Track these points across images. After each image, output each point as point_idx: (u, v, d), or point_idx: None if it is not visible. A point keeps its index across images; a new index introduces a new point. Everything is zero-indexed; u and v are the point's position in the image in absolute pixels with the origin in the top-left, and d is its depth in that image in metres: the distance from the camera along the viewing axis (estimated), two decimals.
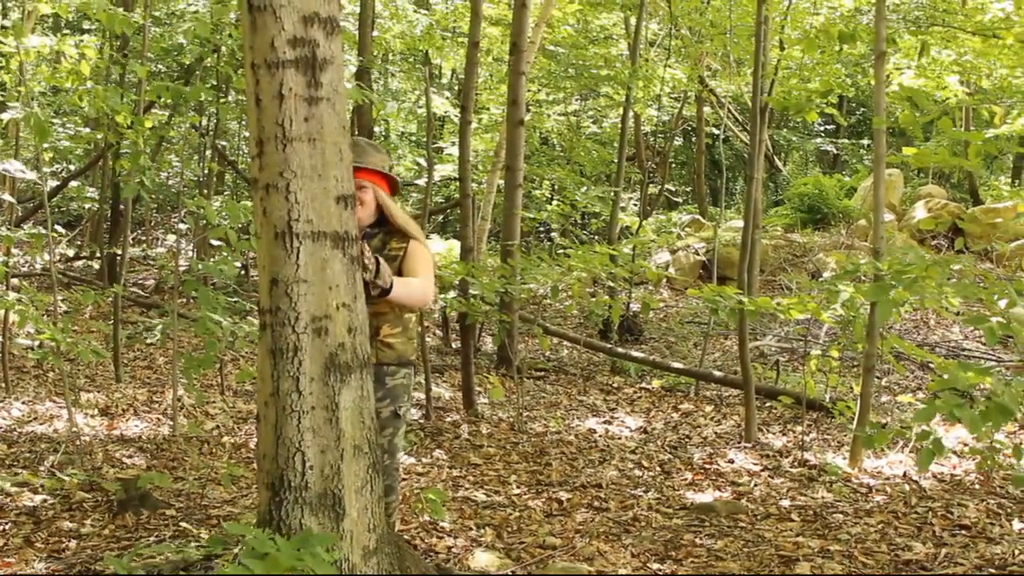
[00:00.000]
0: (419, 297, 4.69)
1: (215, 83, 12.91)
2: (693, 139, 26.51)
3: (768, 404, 9.69)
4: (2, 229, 8.58)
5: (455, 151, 19.08)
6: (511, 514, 6.17)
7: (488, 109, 19.58)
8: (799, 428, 8.78)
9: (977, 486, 6.94)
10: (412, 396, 4.91)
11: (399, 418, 4.73)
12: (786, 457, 7.85)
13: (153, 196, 18.14)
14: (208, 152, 17.59)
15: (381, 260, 4.40)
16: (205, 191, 16.45)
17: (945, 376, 5.21)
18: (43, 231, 8.35)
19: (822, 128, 28.36)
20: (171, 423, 8.11)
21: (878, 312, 5.20)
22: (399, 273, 4.64)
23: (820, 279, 14.50)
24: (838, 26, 9.00)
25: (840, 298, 6.85)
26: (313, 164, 3.99)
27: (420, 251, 4.77)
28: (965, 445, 7.78)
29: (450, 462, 7.54)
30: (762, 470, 7.49)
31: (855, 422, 7.63)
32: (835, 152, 28.07)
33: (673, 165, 28.60)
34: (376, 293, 4.39)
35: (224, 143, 18.62)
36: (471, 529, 5.78)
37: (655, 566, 5.21)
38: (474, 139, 17.98)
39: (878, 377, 9.98)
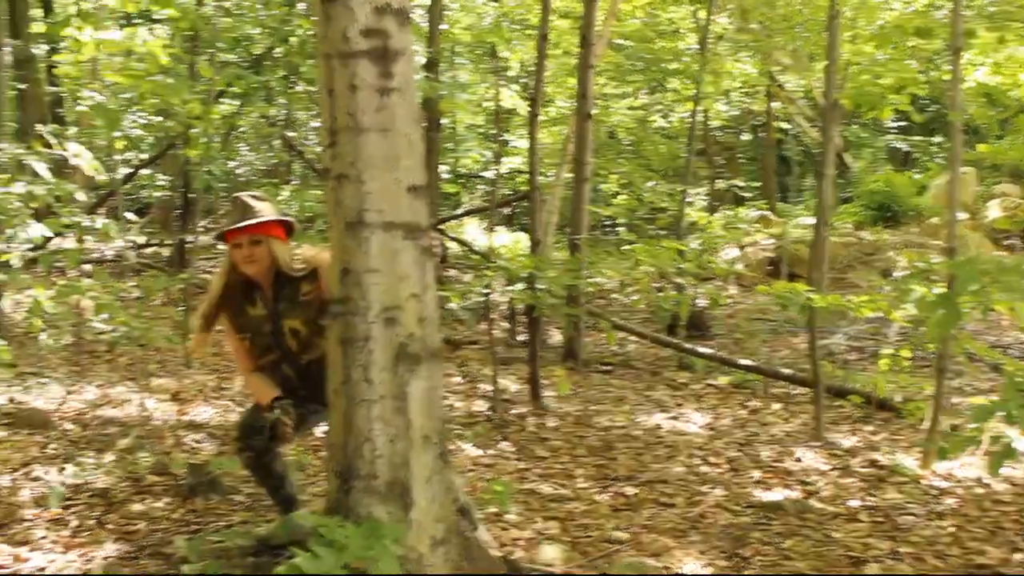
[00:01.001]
0: None
1: (285, 73, 13.01)
2: (762, 134, 26.31)
3: (837, 403, 9.58)
4: (76, 217, 8.69)
5: (521, 144, 19.09)
6: (577, 508, 6.15)
7: (554, 102, 19.53)
8: (869, 428, 8.67)
9: None
10: None
11: None
12: (855, 457, 7.75)
13: (222, 184, 18.33)
14: (277, 142, 17.73)
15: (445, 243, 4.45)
16: (274, 180, 16.59)
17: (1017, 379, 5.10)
18: (114, 219, 8.45)
19: (894, 125, 27.99)
20: (240, 410, 8.18)
21: (943, 320, 5.10)
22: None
23: (891, 277, 14.32)
24: (914, 20, 8.85)
25: (911, 297, 6.75)
26: (385, 154, 4.00)
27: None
28: None
29: (516, 454, 7.53)
30: (831, 469, 7.40)
31: (927, 423, 7.52)
32: (906, 149, 27.69)
33: (741, 161, 28.41)
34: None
35: (293, 133, 18.74)
36: (537, 522, 5.77)
37: (722, 563, 5.17)
38: (541, 132, 17.97)
39: (950, 378, 9.83)
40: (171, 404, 8.50)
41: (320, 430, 6.00)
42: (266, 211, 4.72)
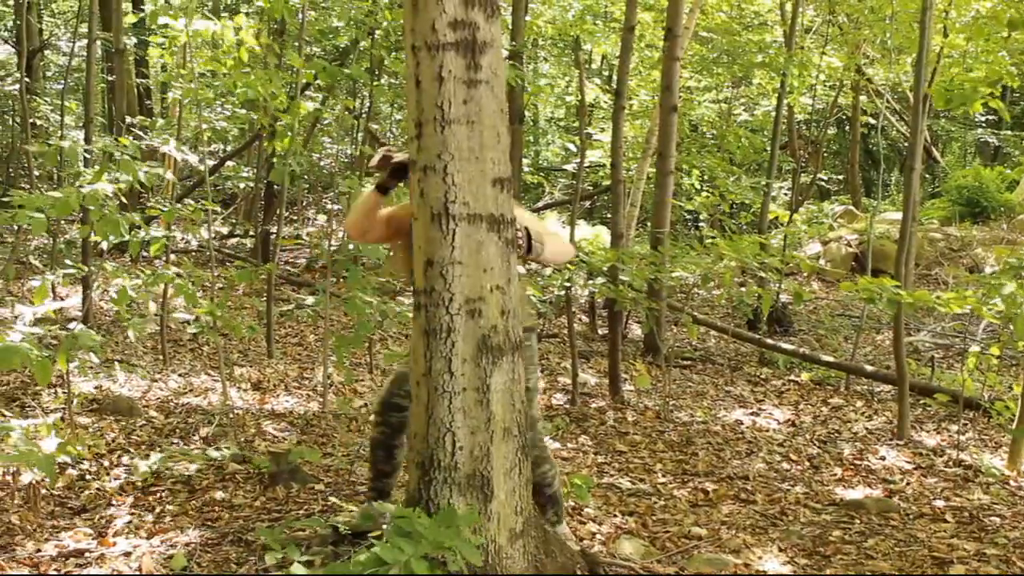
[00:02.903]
0: (566, 250, 4.72)
1: (369, 65, 13.08)
2: (847, 128, 25.96)
3: (922, 401, 9.44)
4: (163, 205, 8.81)
5: (604, 137, 19.02)
6: (656, 503, 6.12)
7: (638, 95, 19.43)
8: (954, 427, 8.53)
9: None
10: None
11: (532, 389, 4.74)
12: (940, 456, 7.64)
13: (306, 176, 18.49)
14: (360, 134, 17.84)
15: (532, 233, 4.39)
16: (357, 172, 16.70)
17: None
18: (202, 207, 8.56)
19: (983, 119, 27.48)
20: (321, 400, 8.26)
21: None
22: None
23: (979, 274, 14.05)
24: (1008, 11, 8.66)
25: (1002, 292, 6.62)
26: (471, 146, 4.00)
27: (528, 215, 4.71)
28: None
29: (595, 448, 7.52)
30: (915, 469, 7.30)
31: (1015, 423, 7.38)
32: (996, 144, 27.17)
33: (826, 155, 28.05)
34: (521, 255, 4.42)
35: (376, 126, 18.85)
36: (616, 516, 5.75)
37: (803, 561, 5.12)
38: (624, 125, 17.89)
39: None
40: (252, 393, 8.60)
41: None
42: None
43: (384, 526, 4.19)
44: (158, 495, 5.72)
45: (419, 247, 4.09)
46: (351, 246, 9.17)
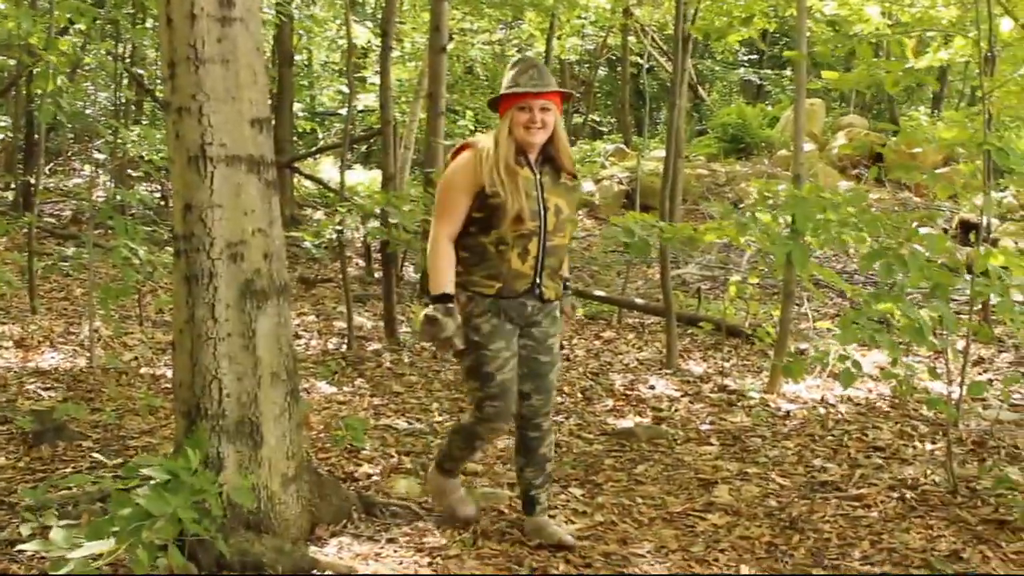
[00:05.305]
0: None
1: (131, 7, 12.63)
2: (618, 69, 26.46)
3: (690, 331, 9.77)
4: None
5: (377, 80, 18.88)
6: (433, 441, 6.17)
7: (412, 38, 19.35)
8: (719, 354, 8.87)
9: (891, 410, 7.07)
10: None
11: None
12: (706, 383, 7.93)
13: (70, 125, 17.75)
14: (125, 80, 17.22)
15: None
16: (122, 120, 16.12)
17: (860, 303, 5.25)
18: None
19: (745, 58, 28.41)
20: (88, 354, 7.99)
21: (794, 258, 5.22)
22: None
23: (740, 207, 14.59)
24: None
25: (756, 225, 6.86)
26: (227, 86, 3.91)
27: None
28: (881, 369, 7.92)
29: (372, 390, 7.51)
30: (683, 396, 7.56)
31: (775, 348, 7.73)
32: (758, 82, 28.15)
33: (598, 95, 28.56)
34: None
35: (142, 71, 18.21)
36: (392, 456, 5.77)
37: (576, 491, 5.25)
38: (396, 68, 17.79)
39: (797, 304, 10.10)
40: (15, 351, 8.25)
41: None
42: (554, 83, 4.40)
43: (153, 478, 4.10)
44: None
45: (177, 191, 3.98)
46: (116, 196, 8.88)
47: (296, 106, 19.99)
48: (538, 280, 4.30)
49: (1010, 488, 5.07)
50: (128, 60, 16.71)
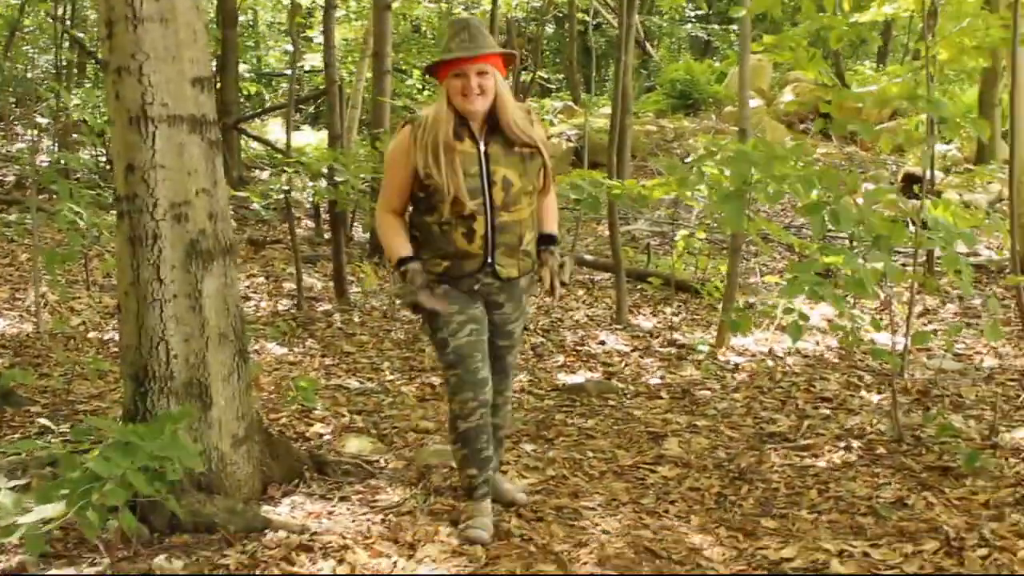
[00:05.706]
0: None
1: None
2: (566, 25, 26.38)
3: (639, 287, 9.82)
4: None
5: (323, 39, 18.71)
6: (384, 400, 6.19)
7: None
8: (669, 309, 8.92)
9: (837, 361, 7.16)
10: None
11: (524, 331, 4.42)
12: (656, 338, 7.98)
13: (11, 89, 17.49)
14: (65, 42, 16.98)
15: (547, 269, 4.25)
16: (64, 83, 15.89)
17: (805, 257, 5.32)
18: None
19: (692, 14, 28.40)
20: (35, 320, 7.91)
21: (730, 218, 5.23)
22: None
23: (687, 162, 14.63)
24: None
25: (701, 180, 6.88)
26: (167, 45, 3.88)
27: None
28: (829, 322, 8.01)
29: (323, 351, 7.51)
30: (632, 351, 7.61)
31: (722, 303, 7.79)
32: (706, 38, 28.17)
33: (546, 52, 28.45)
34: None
35: (82, 34, 17.95)
36: (343, 416, 5.78)
37: (528, 447, 5.28)
38: (342, 27, 17.64)
39: (745, 258, 10.18)
40: None
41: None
42: (492, 43, 4.03)
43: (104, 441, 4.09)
44: None
45: (118, 153, 3.95)
46: (60, 159, 8.78)
47: (242, 67, 19.78)
48: (490, 259, 4.07)
49: (953, 436, 5.16)
50: (68, 22, 16.45)
